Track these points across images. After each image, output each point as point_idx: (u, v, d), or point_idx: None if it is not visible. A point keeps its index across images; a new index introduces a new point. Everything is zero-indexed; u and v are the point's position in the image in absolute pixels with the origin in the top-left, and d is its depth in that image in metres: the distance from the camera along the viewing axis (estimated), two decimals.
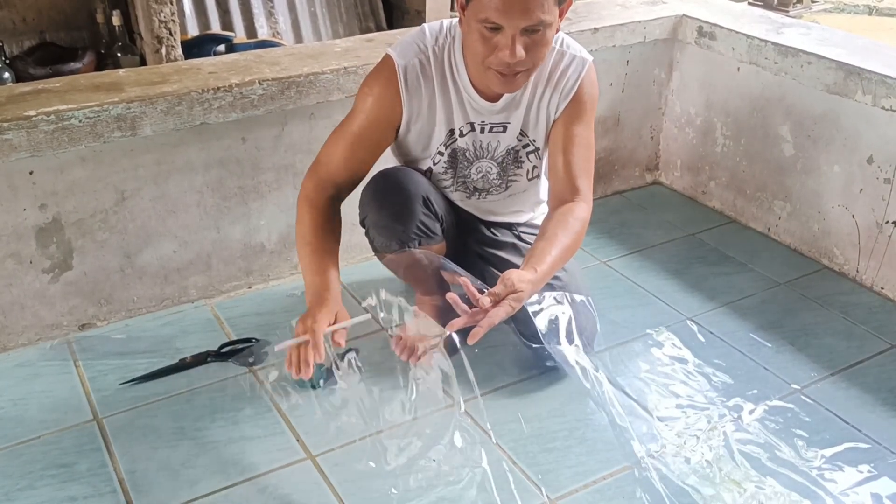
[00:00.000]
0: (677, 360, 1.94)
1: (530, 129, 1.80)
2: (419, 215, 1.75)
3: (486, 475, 1.60)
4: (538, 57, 1.58)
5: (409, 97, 1.70)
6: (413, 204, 1.74)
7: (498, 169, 1.83)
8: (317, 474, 1.61)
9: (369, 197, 1.78)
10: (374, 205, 1.77)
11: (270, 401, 1.79)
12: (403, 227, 1.75)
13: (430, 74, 1.70)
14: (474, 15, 1.53)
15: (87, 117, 1.79)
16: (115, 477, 1.60)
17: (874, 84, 2.07)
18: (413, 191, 1.75)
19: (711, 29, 2.49)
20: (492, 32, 1.53)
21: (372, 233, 1.81)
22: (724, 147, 2.57)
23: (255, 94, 1.96)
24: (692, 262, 2.35)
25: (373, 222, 1.79)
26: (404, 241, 1.77)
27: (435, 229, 1.80)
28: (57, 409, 1.77)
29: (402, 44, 1.72)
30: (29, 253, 1.88)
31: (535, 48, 1.55)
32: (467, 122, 1.76)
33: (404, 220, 1.75)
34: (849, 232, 2.26)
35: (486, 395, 1.82)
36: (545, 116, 1.79)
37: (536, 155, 1.85)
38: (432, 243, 1.80)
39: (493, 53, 1.55)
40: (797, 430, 1.74)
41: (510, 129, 1.79)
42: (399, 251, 1.78)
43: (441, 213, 1.82)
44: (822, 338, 2.03)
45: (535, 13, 1.49)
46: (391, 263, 1.87)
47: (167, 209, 2.01)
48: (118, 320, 2.05)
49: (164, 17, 2.77)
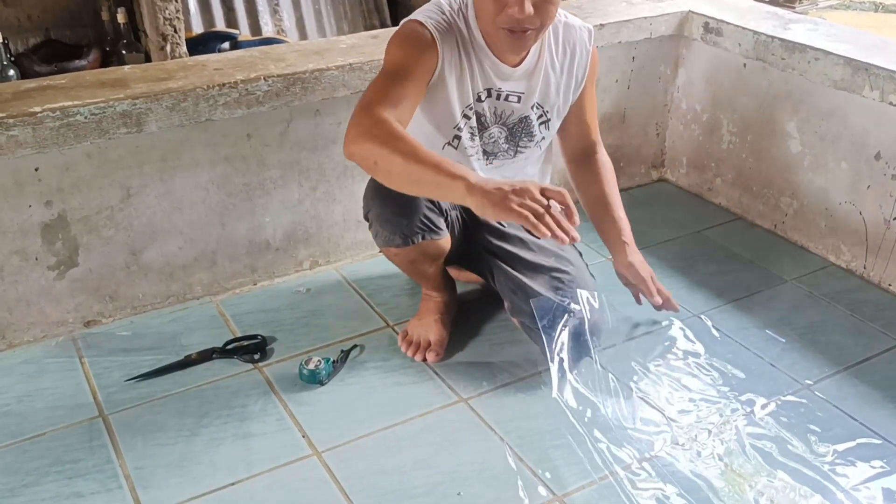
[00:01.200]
0: (689, 355, 1.94)
1: (546, 101, 1.82)
2: (423, 210, 1.75)
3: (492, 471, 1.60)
4: (547, 15, 1.61)
5: (441, 42, 1.66)
6: (417, 198, 1.74)
7: (507, 133, 1.82)
8: (323, 470, 1.61)
9: (373, 191, 1.78)
10: (378, 199, 1.76)
11: (276, 397, 1.79)
12: (407, 222, 1.75)
13: (454, 34, 1.68)
14: None
15: (92, 114, 1.79)
16: (121, 473, 1.60)
17: (882, 80, 2.06)
18: None
19: (718, 25, 2.48)
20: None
21: (376, 227, 1.81)
22: (731, 144, 2.56)
23: (261, 91, 1.96)
24: (698, 260, 2.34)
25: (376, 216, 1.78)
26: (408, 236, 1.76)
27: (439, 224, 1.79)
28: (63, 405, 1.77)
29: (419, 11, 1.71)
30: (34, 250, 1.88)
31: (544, 6, 1.59)
32: (486, 88, 1.75)
33: (408, 214, 1.74)
34: (856, 229, 2.25)
35: (492, 392, 1.82)
36: (565, 92, 1.83)
37: (547, 126, 1.85)
38: (437, 238, 1.80)
39: (502, 11, 1.58)
40: (809, 426, 1.73)
41: (524, 100, 1.79)
42: (403, 246, 1.78)
43: (446, 207, 1.81)
44: (830, 335, 2.02)
45: None
46: (395, 258, 1.87)
47: (172, 206, 2.00)
48: (123, 317, 2.05)
49: (169, 15, 2.77)
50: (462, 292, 2.09)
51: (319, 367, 1.82)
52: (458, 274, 2.09)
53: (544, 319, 1.77)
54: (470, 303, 2.10)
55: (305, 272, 2.25)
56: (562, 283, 1.82)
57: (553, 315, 1.78)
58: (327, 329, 2.01)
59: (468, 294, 2.14)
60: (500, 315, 2.05)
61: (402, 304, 2.11)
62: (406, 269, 1.93)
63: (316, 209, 2.19)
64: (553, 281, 1.82)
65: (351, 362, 1.90)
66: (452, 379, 1.85)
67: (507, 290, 1.88)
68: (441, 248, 1.84)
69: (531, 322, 1.83)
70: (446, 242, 1.84)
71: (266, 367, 1.89)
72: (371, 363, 1.90)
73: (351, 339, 1.97)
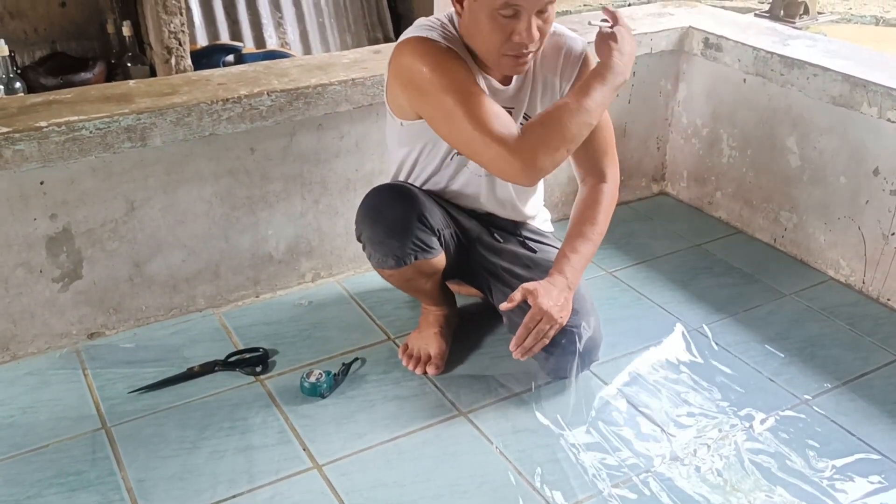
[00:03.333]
0: (688, 369, 1.95)
1: (533, 111, 1.81)
2: (414, 230, 1.75)
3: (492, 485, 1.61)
4: (545, 35, 1.65)
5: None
6: (408, 220, 1.74)
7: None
8: (323, 483, 1.62)
9: (364, 213, 1.78)
10: (369, 221, 1.77)
11: (277, 410, 1.80)
12: (399, 244, 1.75)
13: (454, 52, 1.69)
14: (488, 4, 1.56)
15: (97, 128, 1.81)
16: (123, 485, 1.61)
17: (880, 96, 2.08)
18: (407, 207, 1.74)
19: (718, 41, 2.50)
20: (510, 19, 1.57)
21: (368, 249, 1.81)
22: (731, 158, 2.57)
23: (264, 106, 1.97)
24: (698, 273, 2.35)
25: (368, 238, 1.79)
26: (401, 257, 1.76)
27: (431, 243, 1.79)
28: (66, 417, 1.78)
29: (418, 27, 1.70)
30: (39, 262, 1.90)
31: (544, 28, 1.63)
32: None
33: (400, 235, 1.74)
34: (855, 243, 2.26)
35: (492, 405, 1.83)
36: (551, 98, 1.80)
37: None
38: (430, 257, 1.80)
39: (509, 39, 1.59)
40: (808, 441, 1.74)
41: (514, 114, 1.78)
42: (396, 267, 1.79)
43: (438, 226, 1.81)
44: (829, 349, 2.03)
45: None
46: (391, 279, 1.87)
47: (176, 219, 2.02)
48: (127, 329, 2.07)
49: (174, 28, 2.80)
50: (462, 305, 2.11)
51: (321, 380, 1.83)
52: (459, 288, 2.10)
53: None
54: (470, 316, 2.11)
55: (308, 285, 2.26)
56: None
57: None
58: (329, 342, 2.03)
59: (468, 307, 2.15)
60: (500, 328, 2.07)
61: (403, 317, 2.12)
62: (403, 288, 1.93)
63: (318, 222, 2.21)
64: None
65: (352, 375, 1.91)
66: (452, 392, 1.86)
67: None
68: (435, 267, 1.84)
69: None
70: (440, 260, 1.84)
71: (268, 379, 1.90)
72: (372, 376, 1.91)
73: (352, 352, 1.99)
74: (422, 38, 1.66)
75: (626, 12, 2.72)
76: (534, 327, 1.69)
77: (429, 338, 1.94)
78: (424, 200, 1.79)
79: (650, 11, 2.75)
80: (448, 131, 1.65)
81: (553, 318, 1.69)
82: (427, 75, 1.62)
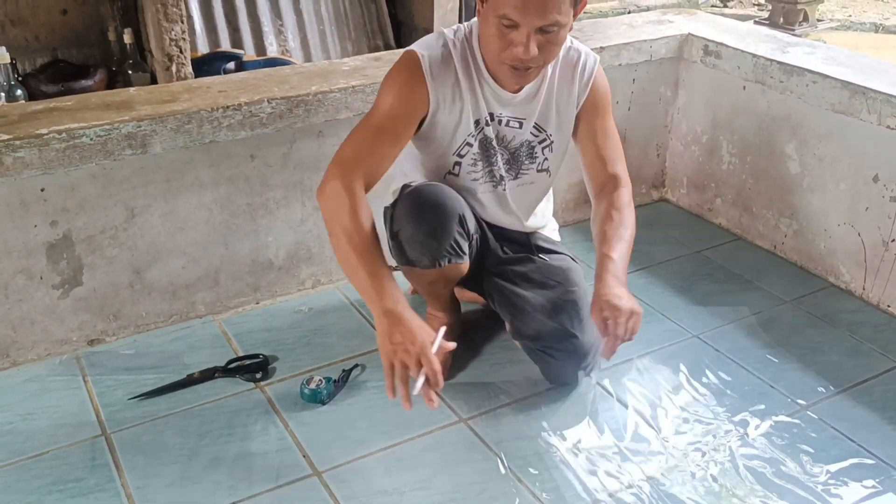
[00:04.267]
0: (686, 376, 1.95)
1: (548, 124, 1.83)
2: (454, 233, 1.75)
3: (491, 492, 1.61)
4: (550, 55, 1.65)
5: (434, 86, 1.71)
6: (450, 221, 1.74)
7: (508, 156, 1.84)
8: (323, 491, 1.61)
9: (406, 211, 1.76)
10: (412, 220, 1.75)
11: (277, 416, 1.80)
12: (438, 244, 1.75)
13: (453, 64, 1.73)
14: (493, 9, 1.58)
15: (98, 135, 1.82)
16: (123, 492, 1.61)
17: (879, 103, 2.08)
18: (451, 208, 1.75)
19: (717, 48, 2.50)
20: (508, 29, 1.58)
21: (405, 246, 1.79)
22: (730, 165, 2.58)
23: (264, 113, 1.98)
24: (698, 280, 2.35)
25: (408, 237, 1.77)
26: (436, 258, 1.76)
27: (465, 248, 1.80)
28: (65, 424, 1.78)
29: (422, 40, 1.76)
30: (39, 269, 1.90)
31: (548, 46, 1.61)
32: (489, 113, 1.77)
33: (440, 236, 1.74)
34: (855, 250, 2.26)
35: (492, 412, 1.83)
36: (565, 109, 1.83)
37: (550, 149, 1.86)
38: (460, 262, 1.80)
39: (507, 48, 1.60)
40: (803, 446, 1.74)
41: (525, 126, 1.81)
42: (429, 267, 1.78)
43: (472, 231, 1.82)
44: (829, 355, 2.03)
45: (552, 13, 1.55)
46: (415, 276, 1.87)
47: (176, 226, 2.02)
48: (127, 336, 2.07)
49: (175, 36, 2.81)
50: (464, 312, 2.10)
51: (320, 386, 1.83)
52: (461, 294, 2.10)
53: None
54: (471, 323, 2.11)
55: (308, 291, 2.26)
56: (563, 305, 1.83)
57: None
58: (329, 348, 2.03)
59: (469, 314, 2.15)
60: (500, 335, 2.07)
61: None
62: (421, 288, 1.94)
63: (318, 229, 2.21)
64: (556, 303, 1.83)
65: (352, 382, 1.91)
66: (452, 399, 1.86)
67: (508, 312, 1.90)
68: (461, 272, 1.84)
69: (531, 344, 1.85)
70: (466, 267, 1.84)
71: (268, 386, 1.90)
72: (372, 382, 1.91)
73: (352, 359, 1.99)
74: (412, 52, 1.72)
75: (626, 20, 2.73)
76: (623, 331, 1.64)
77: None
78: (464, 204, 1.80)
79: (650, 19, 2.75)
80: None
81: (634, 311, 1.64)
82: (382, 87, 1.74)
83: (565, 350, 1.80)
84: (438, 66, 1.71)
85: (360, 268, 1.57)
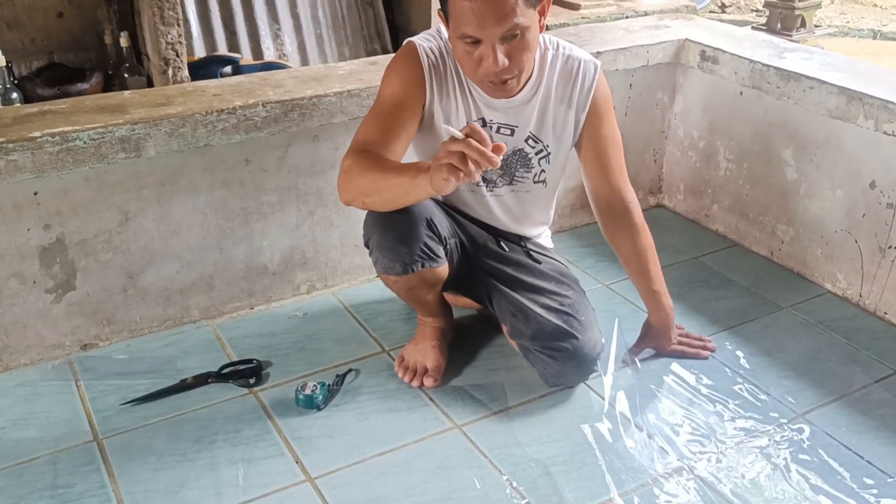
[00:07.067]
0: (680, 383, 1.94)
1: (543, 134, 1.82)
2: (423, 238, 1.75)
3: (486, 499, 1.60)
4: (523, 61, 1.63)
5: (431, 77, 1.73)
6: (417, 226, 1.75)
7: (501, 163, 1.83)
8: (316, 497, 1.60)
9: (374, 219, 1.78)
10: (379, 227, 1.77)
11: (271, 422, 1.79)
12: (407, 250, 1.75)
13: (448, 64, 1.75)
14: (454, 32, 1.59)
15: (91, 139, 1.81)
16: (114, 498, 1.59)
17: (876, 109, 2.08)
18: (417, 213, 1.75)
19: (714, 53, 2.50)
20: (473, 46, 1.58)
21: (376, 254, 1.81)
22: (727, 171, 2.57)
23: (259, 117, 1.97)
24: (695, 286, 2.35)
25: (377, 244, 1.79)
26: (408, 264, 1.77)
27: (438, 252, 1.80)
28: (57, 429, 1.77)
29: (422, 34, 1.78)
30: (32, 273, 1.89)
31: (517, 54, 1.60)
32: (479, 118, 1.78)
33: (408, 242, 1.75)
34: (852, 257, 2.25)
35: (486, 419, 1.82)
36: (564, 119, 1.82)
37: (548, 160, 1.86)
38: (435, 266, 1.80)
39: (479, 65, 1.60)
40: (800, 456, 1.73)
41: (517, 133, 1.80)
42: (402, 273, 1.79)
43: (445, 235, 1.82)
44: (826, 363, 2.02)
45: (509, 19, 1.54)
46: (394, 285, 1.87)
47: (170, 230, 2.02)
48: (120, 340, 2.06)
49: (171, 39, 2.80)
50: (457, 317, 2.10)
51: (315, 392, 1.82)
52: (455, 300, 2.10)
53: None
54: (465, 328, 2.11)
55: (302, 296, 2.25)
56: (561, 307, 1.82)
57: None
58: (323, 354, 2.02)
59: (463, 319, 2.14)
60: (495, 340, 2.06)
61: (399, 329, 2.11)
62: (404, 296, 1.93)
63: (313, 233, 2.20)
64: (553, 304, 1.83)
65: (346, 387, 1.90)
66: (447, 405, 1.85)
67: (506, 313, 1.89)
68: (439, 276, 1.84)
69: (530, 344, 1.84)
70: (444, 270, 1.84)
71: (261, 391, 1.89)
72: (366, 388, 1.90)
73: (347, 364, 1.98)
74: (410, 43, 1.75)
75: (623, 25, 2.73)
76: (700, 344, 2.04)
77: (426, 350, 1.94)
78: (434, 209, 1.80)
79: (647, 24, 2.75)
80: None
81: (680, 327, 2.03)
82: (384, 79, 1.75)
83: (565, 351, 1.79)
84: (435, 57, 1.73)
85: (390, 176, 1.59)
